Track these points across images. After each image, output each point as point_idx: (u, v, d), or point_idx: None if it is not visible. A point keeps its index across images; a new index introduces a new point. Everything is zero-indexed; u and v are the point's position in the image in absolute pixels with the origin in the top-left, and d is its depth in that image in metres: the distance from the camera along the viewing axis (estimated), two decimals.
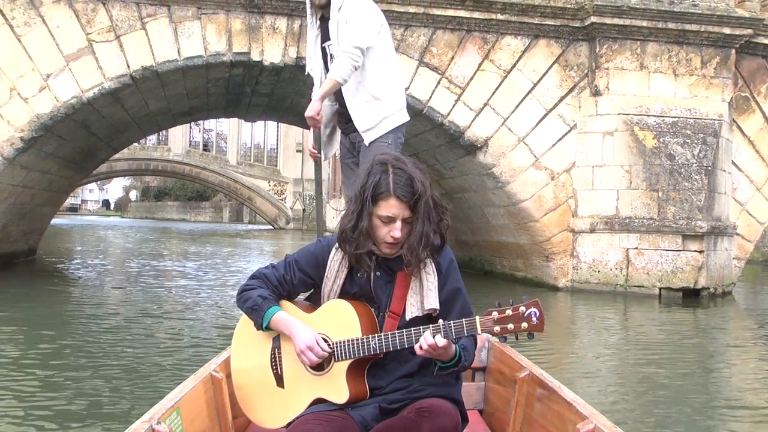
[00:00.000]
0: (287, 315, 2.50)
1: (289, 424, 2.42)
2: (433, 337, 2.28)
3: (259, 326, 2.52)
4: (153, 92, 10.99)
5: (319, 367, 2.44)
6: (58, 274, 12.92)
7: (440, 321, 2.33)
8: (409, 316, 2.44)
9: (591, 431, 2.25)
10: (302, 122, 15.99)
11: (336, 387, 2.42)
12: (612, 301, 10.34)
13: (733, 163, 11.66)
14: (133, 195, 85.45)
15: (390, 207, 2.38)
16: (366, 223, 2.40)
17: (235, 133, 50.05)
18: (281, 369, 2.52)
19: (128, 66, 9.83)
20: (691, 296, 10.50)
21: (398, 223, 2.39)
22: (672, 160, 10.65)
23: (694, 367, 6.33)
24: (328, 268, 2.54)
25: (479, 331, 2.31)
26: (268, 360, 2.54)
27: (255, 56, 10.17)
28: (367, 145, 4.20)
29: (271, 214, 46.08)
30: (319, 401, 2.44)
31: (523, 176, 10.94)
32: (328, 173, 44.75)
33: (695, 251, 10.50)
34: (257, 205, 47.17)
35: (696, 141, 10.76)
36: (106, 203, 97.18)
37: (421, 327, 2.33)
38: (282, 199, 46.04)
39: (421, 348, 2.30)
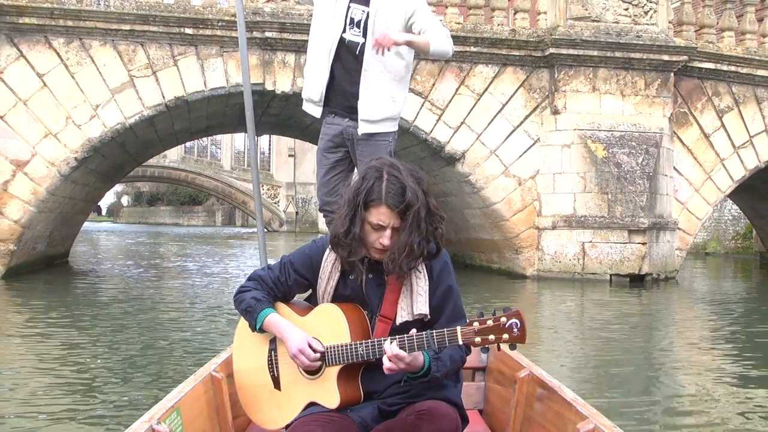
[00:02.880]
0: (280, 318, 2.51)
1: (287, 426, 2.46)
2: (390, 343, 2.31)
3: (253, 328, 2.55)
4: (180, 116, 12.92)
5: (313, 370, 2.47)
6: (90, 273, 14.82)
7: (413, 331, 2.34)
8: (399, 320, 2.45)
9: (591, 431, 2.28)
10: (304, 136, 17.96)
11: (327, 391, 2.44)
12: (571, 286, 12.22)
13: (675, 168, 13.62)
14: (125, 200, 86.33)
15: (380, 215, 2.37)
16: (358, 229, 2.39)
17: (229, 140, 51.36)
18: (277, 371, 2.54)
19: (163, 96, 11.73)
20: (636, 281, 12.44)
21: (388, 231, 2.39)
22: (619, 168, 12.66)
23: (637, 334, 8.21)
24: (321, 269, 2.55)
25: (460, 342, 2.30)
26: (265, 362, 2.57)
27: (268, 86, 12.06)
28: (360, 134, 4.15)
29: (264, 217, 47.49)
30: (313, 405, 2.46)
31: (495, 183, 12.91)
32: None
33: (639, 243, 12.52)
34: (251, 208, 48.62)
35: (640, 151, 12.77)
36: (97, 209, 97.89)
37: (407, 335, 2.34)
38: (275, 203, 47.75)
39: (389, 360, 2.31)
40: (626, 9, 12.97)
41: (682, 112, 13.67)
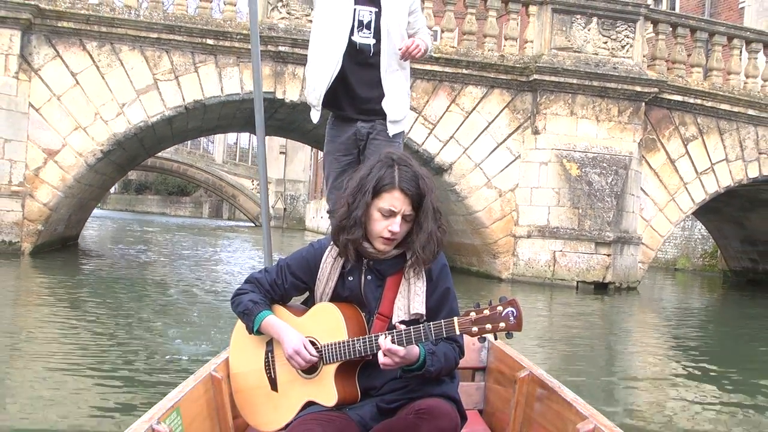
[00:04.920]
0: (276, 319, 2.52)
1: (286, 426, 2.47)
2: (384, 338, 2.31)
3: (250, 330, 2.55)
4: (196, 116, 14.14)
5: (310, 370, 2.46)
6: (98, 254, 15.99)
7: (401, 326, 2.34)
8: (396, 319, 2.46)
9: (591, 431, 2.30)
10: (304, 139, 19.20)
11: (325, 390, 2.44)
12: (541, 289, 13.46)
13: (642, 189, 14.95)
14: (112, 187, 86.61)
15: (394, 200, 2.39)
16: (360, 212, 2.40)
17: (222, 134, 52.51)
18: (274, 373, 2.55)
19: (183, 99, 12.93)
20: (600, 288, 13.73)
21: (398, 218, 2.40)
22: (590, 186, 14.02)
23: (596, 328, 9.60)
24: (320, 270, 2.55)
25: (457, 332, 2.30)
26: (262, 364, 2.58)
27: (279, 95, 13.28)
28: (390, 136, 4.09)
29: (253, 211, 48.32)
30: (311, 404, 2.46)
31: (477, 193, 14.23)
32: (309, 174, 47.68)
33: (604, 254, 13.87)
34: (240, 202, 49.55)
35: (610, 172, 14.14)
36: None
37: (404, 328, 2.34)
38: None
39: (384, 355, 2.31)
40: (605, 42, 14.33)
41: (651, 139, 15.01)
